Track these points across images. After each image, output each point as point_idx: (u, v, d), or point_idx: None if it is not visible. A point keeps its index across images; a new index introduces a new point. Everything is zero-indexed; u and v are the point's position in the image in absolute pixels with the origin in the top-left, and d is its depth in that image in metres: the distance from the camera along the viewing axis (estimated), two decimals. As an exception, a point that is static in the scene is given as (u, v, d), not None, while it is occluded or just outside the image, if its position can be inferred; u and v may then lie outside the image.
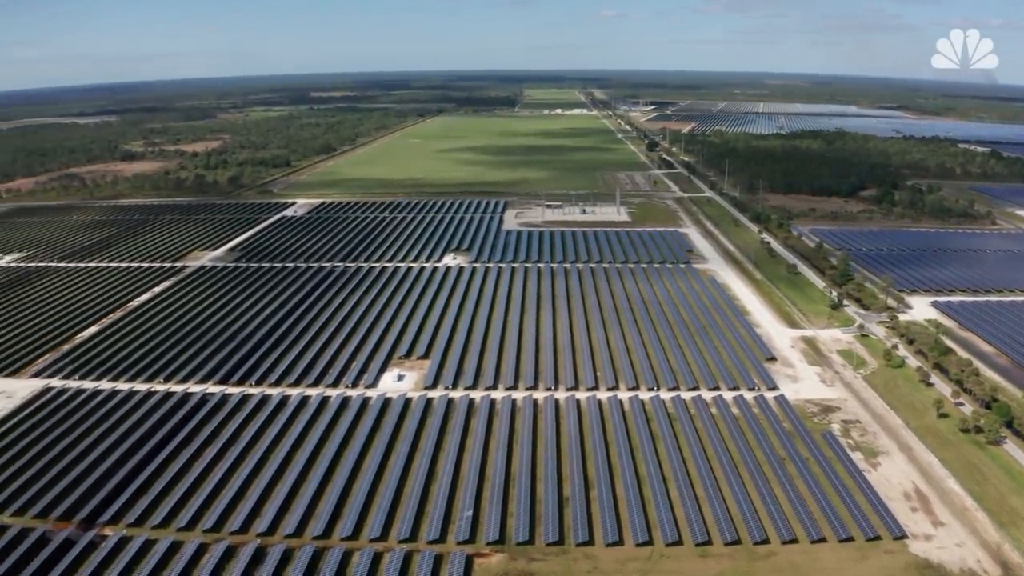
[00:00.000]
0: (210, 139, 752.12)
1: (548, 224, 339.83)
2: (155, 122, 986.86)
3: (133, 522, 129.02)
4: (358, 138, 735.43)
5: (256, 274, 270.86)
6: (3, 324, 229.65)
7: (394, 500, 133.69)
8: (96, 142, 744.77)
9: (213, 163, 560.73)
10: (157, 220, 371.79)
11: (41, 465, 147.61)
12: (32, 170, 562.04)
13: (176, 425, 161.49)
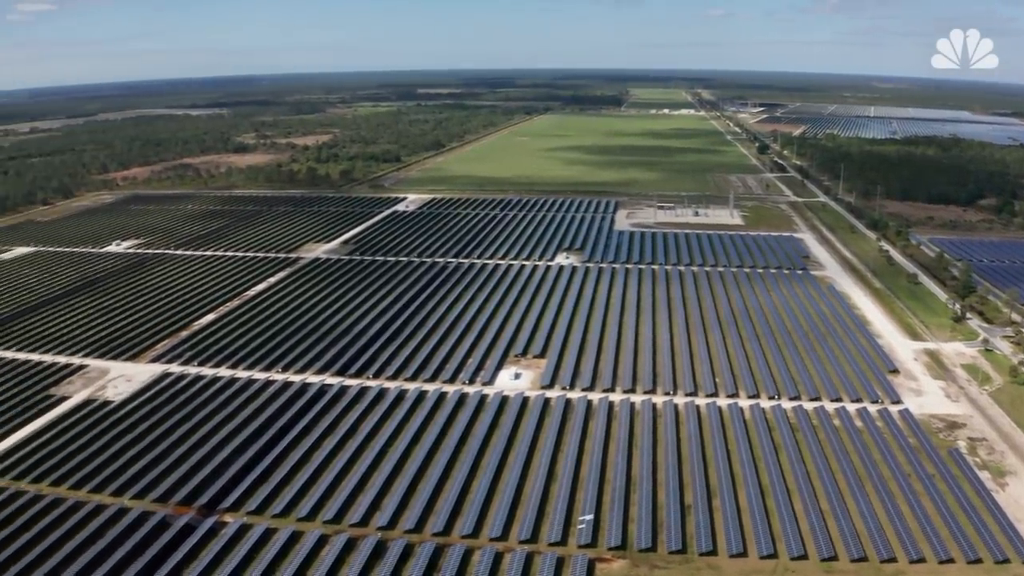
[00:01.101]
0: (320, 133, 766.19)
1: (660, 225, 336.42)
2: (266, 115, 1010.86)
3: (254, 510, 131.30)
4: (466, 135, 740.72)
5: (370, 267, 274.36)
6: (123, 309, 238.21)
7: (514, 500, 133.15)
8: (209, 134, 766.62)
9: (324, 157, 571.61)
10: (271, 211, 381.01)
11: (161, 449, 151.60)
12: (147, 159, 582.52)
13: (295, 415, 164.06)
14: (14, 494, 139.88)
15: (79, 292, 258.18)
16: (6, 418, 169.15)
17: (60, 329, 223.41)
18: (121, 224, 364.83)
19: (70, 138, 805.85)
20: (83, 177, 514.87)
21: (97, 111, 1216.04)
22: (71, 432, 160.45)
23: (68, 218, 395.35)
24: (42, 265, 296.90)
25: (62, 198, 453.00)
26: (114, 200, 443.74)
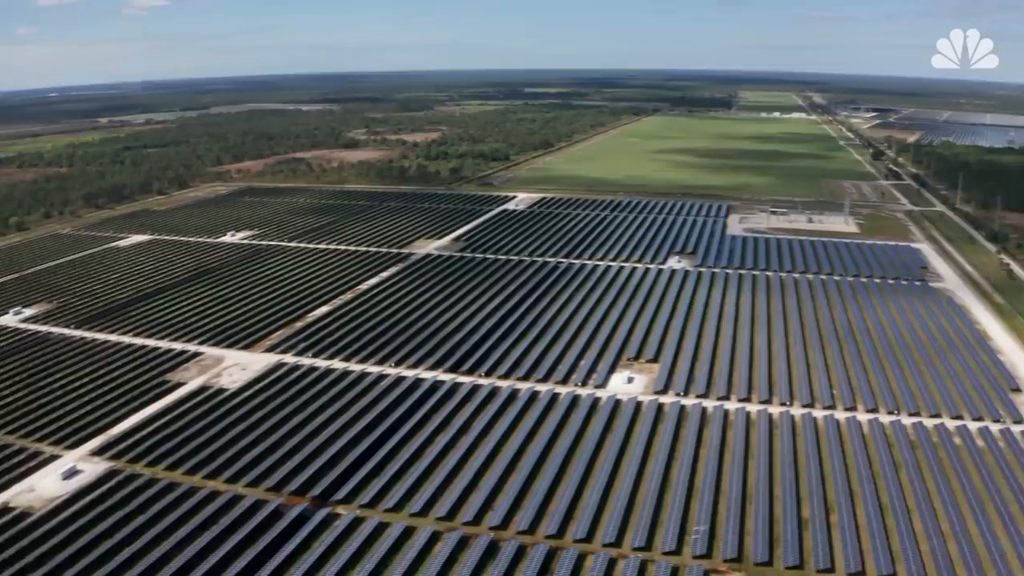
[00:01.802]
0: (429, 130, 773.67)
1: (774, 231, 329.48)
2: (375, 112, 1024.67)
3: (367, 503, 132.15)
4: (574, 135, 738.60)
5: (481, 265, 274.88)
6: (238, 298, 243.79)
7: (628, 506, 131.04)
8: (320, 129, 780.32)
9: (434, 154, 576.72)
10: (382, 207, 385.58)
11: (275, 439, 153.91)
12: (260, 152, 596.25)
13: (408, 410, 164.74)
14: (129, 476, 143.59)
15: (195, 280, 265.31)
16: (123, 401, 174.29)
17: (176, 316, 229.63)
18: (235, 215, 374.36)
19: (184, 130, 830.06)
20: (198, 168, 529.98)
21: (210, 104, 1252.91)
22: (186, 418, 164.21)
23: (183, 208, 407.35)
24: (158, 253, 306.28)
25: (177, 188, 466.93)
26: (228, 192, 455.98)
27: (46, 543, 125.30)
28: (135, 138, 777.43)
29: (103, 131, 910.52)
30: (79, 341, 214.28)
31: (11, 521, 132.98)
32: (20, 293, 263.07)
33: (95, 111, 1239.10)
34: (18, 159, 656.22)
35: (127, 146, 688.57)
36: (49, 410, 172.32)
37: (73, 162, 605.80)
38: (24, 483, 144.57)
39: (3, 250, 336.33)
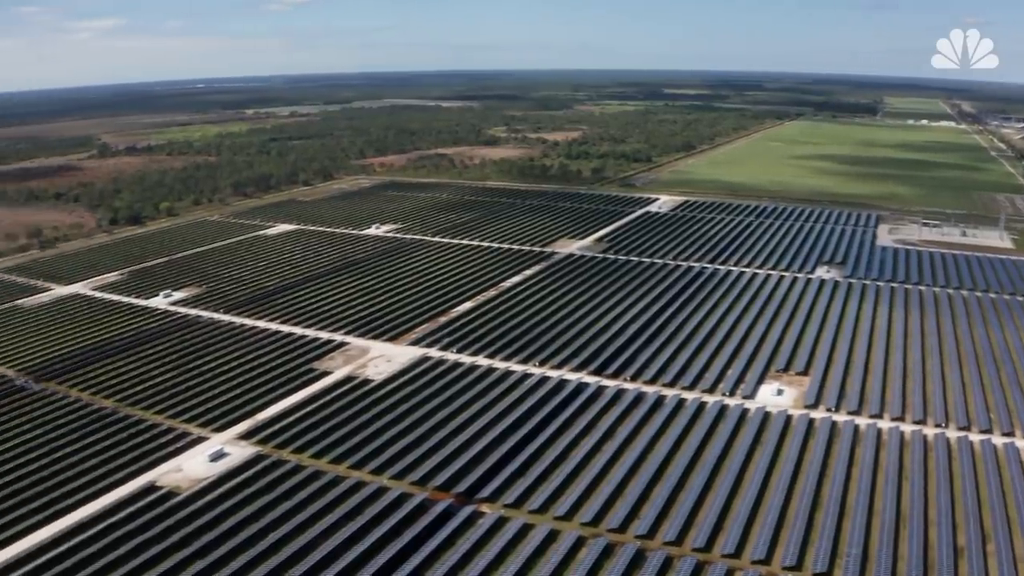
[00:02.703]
0: (569, 129, 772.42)
1: (925, 244, 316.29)
2: (514, 110, 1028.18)
3: (511, 503, 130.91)
4: (716, 137, 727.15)
5: (624, 267, 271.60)
6: (383, 291, 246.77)
7: (778, 522, 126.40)
8: (460, 126, 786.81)
9: (575, 153, 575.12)
10: (524, 204, 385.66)
11: (420, 432, 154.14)
12: (402, 147, 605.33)
13: (552, 411, 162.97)
14: (276, 462, 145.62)
15: (341, 271, 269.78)
16: (270, 387, 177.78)
17: (322, 306, 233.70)
18: (378, 208, 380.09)
19: (327, 123, 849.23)
20: (342, 161, 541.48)
21: (351, 99, 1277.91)
22: (332, 407, 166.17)
23: (328, 199, 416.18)
24: (304, 243, 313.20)
25: (322, 180, 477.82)
26: (371, 185, 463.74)
27: (192, 523, 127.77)
28: (280, 130, 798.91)
29: (249, 122, 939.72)
30: (227, 326, 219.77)
31: (158, 500, 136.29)
32: (170, 276, 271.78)
33: (240, 103, 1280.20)
34: (168, 147, 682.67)
35: (273, 137, 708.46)
36: (197, 392, 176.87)
37: (221, 151, 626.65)
38: (172, 463, 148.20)
39: (154, 234, 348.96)
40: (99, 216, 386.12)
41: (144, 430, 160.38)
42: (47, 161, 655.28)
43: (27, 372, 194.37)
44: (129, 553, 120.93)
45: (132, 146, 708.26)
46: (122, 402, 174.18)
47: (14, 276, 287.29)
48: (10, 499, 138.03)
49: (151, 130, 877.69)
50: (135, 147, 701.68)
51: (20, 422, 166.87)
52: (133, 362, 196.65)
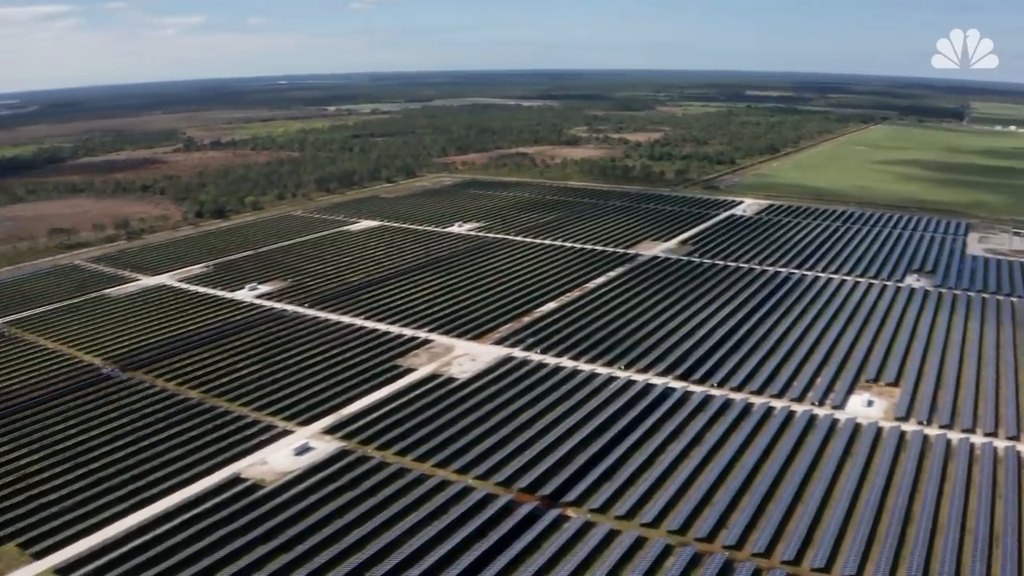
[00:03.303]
0: (650, 130, 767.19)
1: (1016, 254, 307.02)
2: (595, 110, 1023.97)
3: (597, 508, 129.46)
4: (800, 141, 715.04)
5: (709, 271, 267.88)
6: (467, 289, 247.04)
7: (869, 537, 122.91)
8: (541, 125, 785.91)
9: (657, 154, 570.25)
10: (607, 205, 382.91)
11: (505, 433, 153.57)
12: (484, 146, 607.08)
13: (638, 416, 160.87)
14: (360, 458, 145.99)
15: (424, 268, 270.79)
16: (355, 382, 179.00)
17: (407, 302, 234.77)
18: (460, 207, 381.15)
19: (409, 121, 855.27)
20: (423, 159, 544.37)
21: (432, 97, 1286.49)
22: (417, 404, 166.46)
23: (410, 196, 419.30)
24: (388, 239, 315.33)
25: (404, 177, 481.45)
26: (453, 183, 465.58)
27: (276, 517, 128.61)
28: (362, 127, 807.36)
29: (331, 119, 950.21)
30: (312, 320, 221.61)
31: (243, 492, 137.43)
32: (255, 270, 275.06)
33: (322, 100, 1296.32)
34: (252, 141, 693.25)
35: (355, 134, 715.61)
36: (283, 385, 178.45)
37: (304, 147, 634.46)
38: (257, 455, 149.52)
39: (239, 228, 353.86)
40: (185, 209, 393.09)
41: (229, 422, 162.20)
42: (133, 154, 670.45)
43: (114, 361, 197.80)
44: (214, 544, 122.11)
45: (216, 141, 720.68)
46: (208, 393, 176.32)
47: (101, 266, 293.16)
48: (97, 486, 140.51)
49: (234, 125, 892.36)
50: (219, 142, 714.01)
51: (107, 410, 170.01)
52: (219, 354, 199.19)
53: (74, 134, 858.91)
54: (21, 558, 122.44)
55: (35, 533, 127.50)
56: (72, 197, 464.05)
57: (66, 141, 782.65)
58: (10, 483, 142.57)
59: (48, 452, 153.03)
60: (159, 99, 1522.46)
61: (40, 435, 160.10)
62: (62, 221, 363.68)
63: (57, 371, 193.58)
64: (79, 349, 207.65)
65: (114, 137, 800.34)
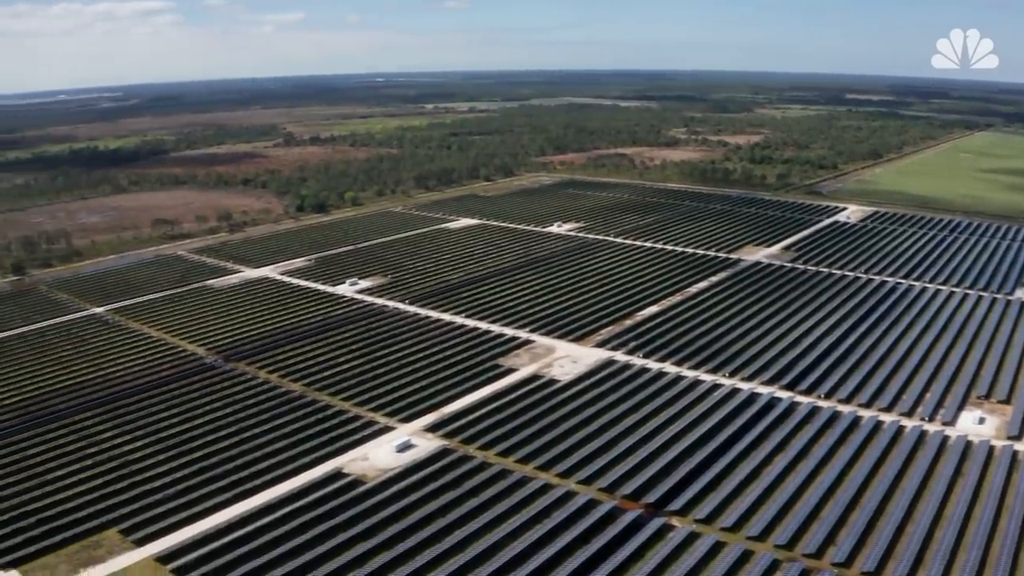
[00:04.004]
0: (749, 132, 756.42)
1: None
2: (692, 111, 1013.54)
3: (702, 519, 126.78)
4: (903, 146, 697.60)
5: (814, 278, 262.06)
6: (567, 290, 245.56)
7: (980, 561, 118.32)
8: (640, 125, 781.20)
9: (758, 157, 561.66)
10: (707, 209, 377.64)
11: (608, 438, 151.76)
12: (581, 146, 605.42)
13: (744, 425, 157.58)
14: (462, 457, 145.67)
15: (524, 268, 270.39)
16: (456, 381, 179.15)
17: (507, 302, 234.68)
18: (559, 206, 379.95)
19: (506, 120, 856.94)
20: (522, 158, 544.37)
21: (529, 96, 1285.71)
22: (518, 405, 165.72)
23: (508, 195, 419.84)
24: (487, 238, 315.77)
25: (503, 176, 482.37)
26: (551, 183, 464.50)
27: (378, 514, 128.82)
28: (460, 125, 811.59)
29: (429, 116, 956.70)
30: (412, 317, 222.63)
31: (344, 487, 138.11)
32: (355, 265, 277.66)
33: (419, 97, 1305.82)
34: (350, 138, 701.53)
35: (453, 132, 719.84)
36: (384, 381, 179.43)
37: (402, 144, 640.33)
38: (358, 450, 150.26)
39: (339, 223, 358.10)
40: (286, 203, 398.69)
41: (331, 416, 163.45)
42: (233, 148, 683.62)
43: (217, 351, 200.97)
44: (315, 539, 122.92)
45: (315, 136, 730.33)
46: (310, 387, 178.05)
47: (204, 257, 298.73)
48: (199, 475, 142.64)
49: (332, 121, 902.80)
50: (318, 137, 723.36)
51: (210, 400, 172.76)
52: (321, 347, 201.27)
53: (174, 127, 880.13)
54: (123, 544, 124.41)
55: (137, 520, 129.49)
56: (175, 189, 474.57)
57: (167, 134, 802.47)
58: (113, 469, 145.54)
59: (151, 440, 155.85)
60: (257, 95, 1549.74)
61: (143, 422, 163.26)
62: (165, 212, 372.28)
63: (160, 360, 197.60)
64: (182, 338, 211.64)
65: (215, 131, 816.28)
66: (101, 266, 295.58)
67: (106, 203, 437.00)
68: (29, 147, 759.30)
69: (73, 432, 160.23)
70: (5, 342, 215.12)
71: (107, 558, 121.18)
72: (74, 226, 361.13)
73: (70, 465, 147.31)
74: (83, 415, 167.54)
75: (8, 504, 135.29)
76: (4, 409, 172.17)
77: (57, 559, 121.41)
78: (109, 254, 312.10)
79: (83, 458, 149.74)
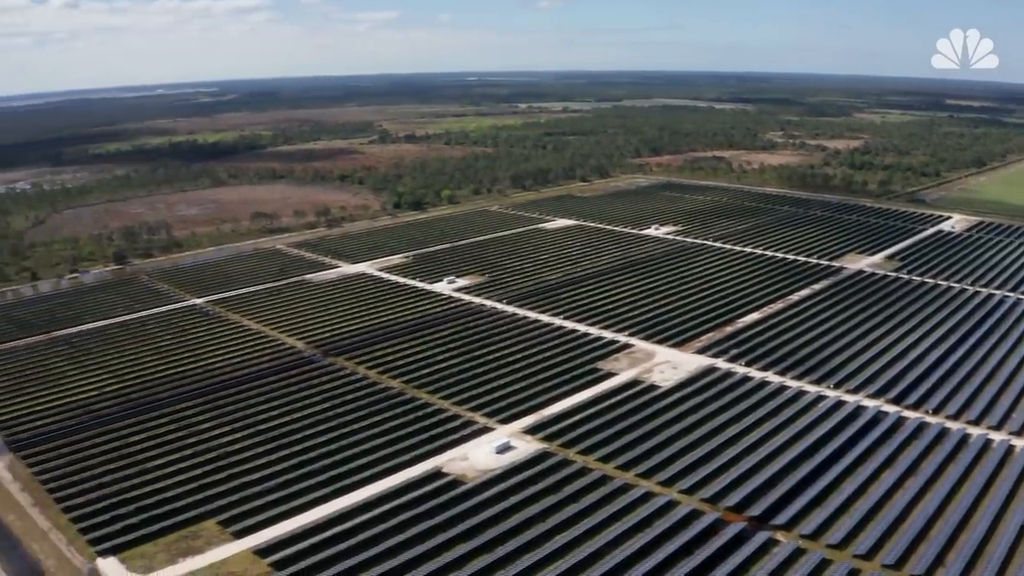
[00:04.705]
0: (848, 137, 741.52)
1: None
2: (788, 114, 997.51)
3: (808, 535, 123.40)
4: (1008, 155, 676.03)
5: (920, 289, 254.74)
6: (666, 294, 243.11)
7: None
8: (736, 128, 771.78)
9: (858, 163, 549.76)
10: (807, 215, 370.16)
11: (710, 447, 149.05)
12: (677, 148, 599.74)
13: (850, 439, 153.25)
14: (562, 461, 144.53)
15: (622, 270, 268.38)
16: (555, 383, 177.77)
17: (605, 304, 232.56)
18: (655, 208, 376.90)
19: (599, 120, 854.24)
20: (617, 159, 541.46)
21: (621, 97, 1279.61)
22: (619, 410, 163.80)
23: (604, 196, 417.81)
24: (584, 239, 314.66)
25: (598, 177, 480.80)
26: (648, 184, 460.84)
27: (478, 515, 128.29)
28: (554, 125, 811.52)
29: (522, 116, 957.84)
30: (510, 317, 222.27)
31: (444, 487, 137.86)
32: (452, 263, 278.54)
33: (511, 96, 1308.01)
34: (445, 136, 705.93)
35: (548, 132, 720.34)
36: (483, 381, 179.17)
37: (497, 143, 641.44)
38: (457, 450, 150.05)
39: (436, 220, 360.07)
40: (383, 199, 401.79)
41: (430, 414, 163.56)
42: (329, 144, 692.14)
43: (315, 345, 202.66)
44: (413, 538, 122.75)
45: (410, 134, 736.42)
46: (408, 384, 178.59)
47: (303, 251, 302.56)
48: (298, 469, 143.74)
49: (426, 119, 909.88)
50: (413, 135, 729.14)
51: (309, 394, 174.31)
52: (419, 344, 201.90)
53: (270, 122, 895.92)
54: (221, 536, 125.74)
55: (236, 512, 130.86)
56: (272, 183, 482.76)
57: (263, 129, 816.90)
58: (212, 460, 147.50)
59: (250, 432, 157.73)
60: (350, 91, 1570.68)
61: (242, 414, 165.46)
62: (264, 206, 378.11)
63: (259, 352, 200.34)
64: (281, 331, 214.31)
65: (311, 127, 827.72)
66: (200, 257, 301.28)
67: (205, 195, 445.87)
68: (129, 139, 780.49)
69: (174, 421, 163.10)
70: (107, 330, 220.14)
71: (205, 549, 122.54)
72: (174, 217, 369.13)
73: (170, 454, 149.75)
74: (183, 404, 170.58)
75: (108, 491, 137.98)
76: (106, 396, 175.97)
77: (155, 548, 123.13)
78: (208, 246, 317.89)
79: (183, 448, 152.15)
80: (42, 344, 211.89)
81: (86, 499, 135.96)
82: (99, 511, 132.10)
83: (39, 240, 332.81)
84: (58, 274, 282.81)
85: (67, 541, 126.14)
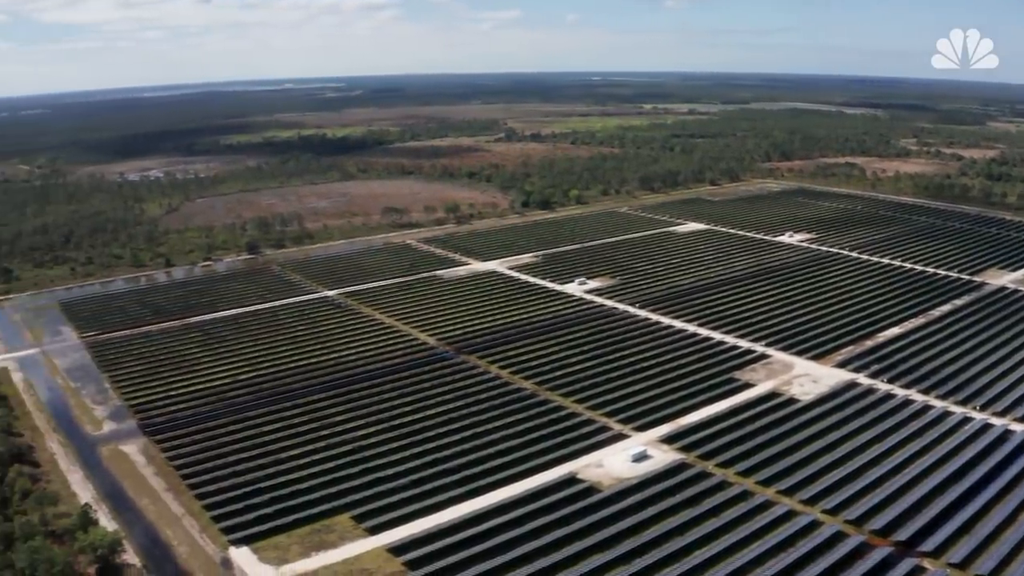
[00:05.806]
0: (984, 146, 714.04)
1: None
2: (921, 121, 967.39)
3: (957, 563, 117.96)
4: None
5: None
6: (803, 304, 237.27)
7: None
8: (869, 134, 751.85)
9: (995, 174, 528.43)
10: (944, 226, 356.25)
11: (854, 466, 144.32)
12: (808, 153, 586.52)
13: (1000, 464, 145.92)
14: (700, 474, 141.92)
15: (756, 277, 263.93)
16: (691, 392, 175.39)
17: (740, 312, 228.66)
18: (789, 215, 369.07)
19: (727, 123, 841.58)
20: (747, 163, 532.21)
21: (748, 99, 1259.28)
22: (758, 423, 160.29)
23: (735, 201, 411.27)
24: (716, 244, 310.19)
25: (728, 180, 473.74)
26: (780, 190, 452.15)
27: (614, 525, 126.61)
28: (681, 126, 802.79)
29: (648, 117, 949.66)
30: (643, 321, 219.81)
31: (579, 493, 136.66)
32: (582, 264, 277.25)
33: (635, 97, 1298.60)
34: (571, 135, 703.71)
35: (675, 134, 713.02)
36: (617, 386, 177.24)
37: (624, 144, 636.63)
38: (592, 456, 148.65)
39: (564, 220, 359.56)
40: (512, 198, 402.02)
41: (564, 418, 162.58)
42: (456, 141, 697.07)
43: (447, 342, 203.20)
44: (549, 545, 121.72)
45: (536, 133, 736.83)
46: (541, 385, 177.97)
47: (432, 247, 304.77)
48: (432, 467, 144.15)
49: (551, 119, 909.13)
50: (539, 134, 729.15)
51: (442, 391, 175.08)
52: (551, 346, 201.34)
53: (396, 118, 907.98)
54: (355, 531, 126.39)
55: (370, 507, 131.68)
56: (401, 179, 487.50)
57: (390, 124, 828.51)
58: (346, 453, 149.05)
59: (384, 427, 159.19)
60: (475, 89, 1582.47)
61: (375, 408, 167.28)
62: (393, 201, 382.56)
63: (391, 346, 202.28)
64: (412, 326, 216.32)
65: (438, 124, 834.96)
66: (331, 250, 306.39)
67: (335, 189, 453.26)
68: (258, 131, 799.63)
69: (307, 413, 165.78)
70: (240, 319, 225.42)
71: (339, 544, 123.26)
72: (305, 209, 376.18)
73: (304, 446, 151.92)
74: (316, 396, 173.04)
75: (242, 480, 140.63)
76: (239, 385, 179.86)
77: (289, 540, 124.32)
78: (339, 239, 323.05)
79: (316, 440, 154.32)
80: (176, 329, 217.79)
81: (219, 487, 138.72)
82: (232, 499, 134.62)
83: (173, 228, 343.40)
84: (191, 261, 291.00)
85: (200, 528, 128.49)
